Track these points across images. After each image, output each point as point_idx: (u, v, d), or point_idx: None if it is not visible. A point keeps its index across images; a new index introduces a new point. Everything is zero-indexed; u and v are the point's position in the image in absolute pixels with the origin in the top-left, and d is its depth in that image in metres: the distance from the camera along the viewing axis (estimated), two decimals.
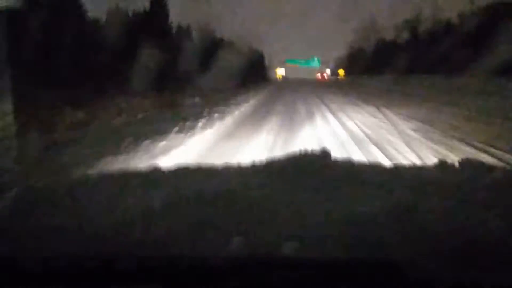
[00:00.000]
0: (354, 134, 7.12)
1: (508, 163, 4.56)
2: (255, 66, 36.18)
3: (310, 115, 10.15)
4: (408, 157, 5.13)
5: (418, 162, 4.72)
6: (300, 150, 1.41)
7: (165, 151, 5.82)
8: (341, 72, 56.47)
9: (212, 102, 13.37)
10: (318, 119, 9.43)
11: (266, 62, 50.10)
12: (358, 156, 5.10)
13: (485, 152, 5.18)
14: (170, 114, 10.29)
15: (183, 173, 1.48)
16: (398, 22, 38.42)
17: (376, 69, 34.66)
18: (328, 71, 62.61)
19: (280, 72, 60.44)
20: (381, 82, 27.23)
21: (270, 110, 11.80)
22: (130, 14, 20.74)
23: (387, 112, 10.14)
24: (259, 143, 6.41)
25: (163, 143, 6.29)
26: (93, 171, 3.90)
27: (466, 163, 1.46)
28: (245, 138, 6.94)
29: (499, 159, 4.77)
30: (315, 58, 63.64)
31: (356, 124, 8.24)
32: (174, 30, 23.64)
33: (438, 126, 7.55)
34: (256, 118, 9.91)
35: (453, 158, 2.45)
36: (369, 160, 3.81)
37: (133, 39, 14.80)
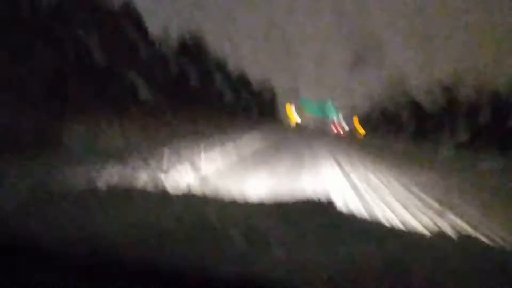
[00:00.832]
0: None
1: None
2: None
3: None
4: None
5: None
6: (306, 198, 1.44)
7: None
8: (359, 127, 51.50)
9: None
10: None
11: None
12: None
13: None
14: None
15: (187, 203, 1.51)
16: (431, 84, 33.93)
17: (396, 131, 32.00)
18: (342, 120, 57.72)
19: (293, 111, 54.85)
20: None
21: None
22: None
23: None
24: None
25: None
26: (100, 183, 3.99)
27: (465, 240, 1.45)
28: None
29: None
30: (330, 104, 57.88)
31: None
32: None
33: None
34: None
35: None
36: (371, 216, 3.80)
37: None
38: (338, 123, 56.94)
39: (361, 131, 49.34)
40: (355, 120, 50.14)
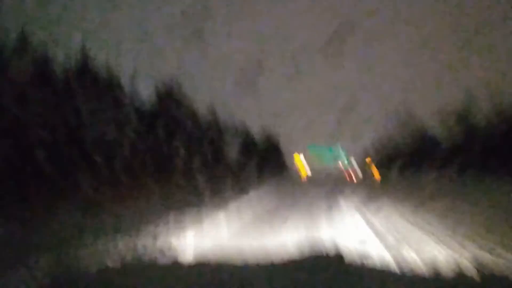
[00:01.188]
0: None
1: None
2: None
3: None
4: None
5: None
6: (316, 254, 1.45)
7: None
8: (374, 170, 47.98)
9: None
10: None
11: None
12: None
13: None
14: None
15: (202, 271, 1.53)
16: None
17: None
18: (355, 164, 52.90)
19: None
20: None
21: None
22: None
23: None
24: None
25: None
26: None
27: (488, 280, 1.42)
28: None
29: None
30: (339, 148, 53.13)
31: None
32: None
33: None
34: None
35: None
36: (382, 265, 3.65)
37: None
38: (351, 168, 54.42)
39: (376, 173, 46.13)
40: (368, 162, 46.78)
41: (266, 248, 5.96)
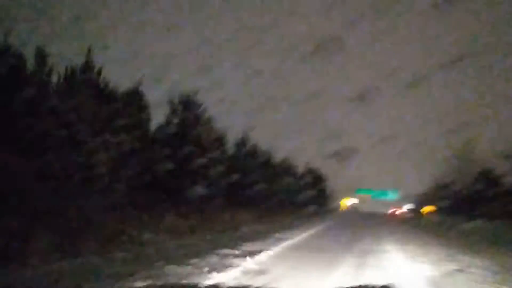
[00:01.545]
0: None
1: None
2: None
3: None
4: None
5: None
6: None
7: None
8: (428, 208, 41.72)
9: None
10: None
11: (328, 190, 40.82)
12: None
13: None
14: None
15: None
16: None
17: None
18: (406, 207, 50.02)
19: (348, 202, 54.26)
20: None
21: None
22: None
23: None
24: None
25: None
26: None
27: None
28: None
29: None
30: (394, 191, 51.47)
31: None
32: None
33: None
34: None
35: None
36: None
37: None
38: (399, 205, 51.78)
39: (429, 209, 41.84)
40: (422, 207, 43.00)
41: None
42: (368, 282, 1.19)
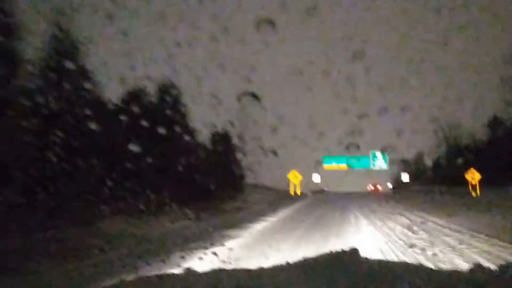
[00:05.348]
0: None
1: None
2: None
3: None
4: None
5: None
6: (331, 250, 1.45)
7: None
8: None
9: None
10: None
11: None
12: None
13: None
14: None
15: (218, 277, 1.52)
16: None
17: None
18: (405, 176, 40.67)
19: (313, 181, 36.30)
20: None
21: None
22: None
23: None
24: None
25: None
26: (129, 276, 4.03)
27: (506, 268, 1.39)
28: None
29: None
30: (378, 154, 34.60)
31: None
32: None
33: None
34: None
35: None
36: (399, 259, 3.95)
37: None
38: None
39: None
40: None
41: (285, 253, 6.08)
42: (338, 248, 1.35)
